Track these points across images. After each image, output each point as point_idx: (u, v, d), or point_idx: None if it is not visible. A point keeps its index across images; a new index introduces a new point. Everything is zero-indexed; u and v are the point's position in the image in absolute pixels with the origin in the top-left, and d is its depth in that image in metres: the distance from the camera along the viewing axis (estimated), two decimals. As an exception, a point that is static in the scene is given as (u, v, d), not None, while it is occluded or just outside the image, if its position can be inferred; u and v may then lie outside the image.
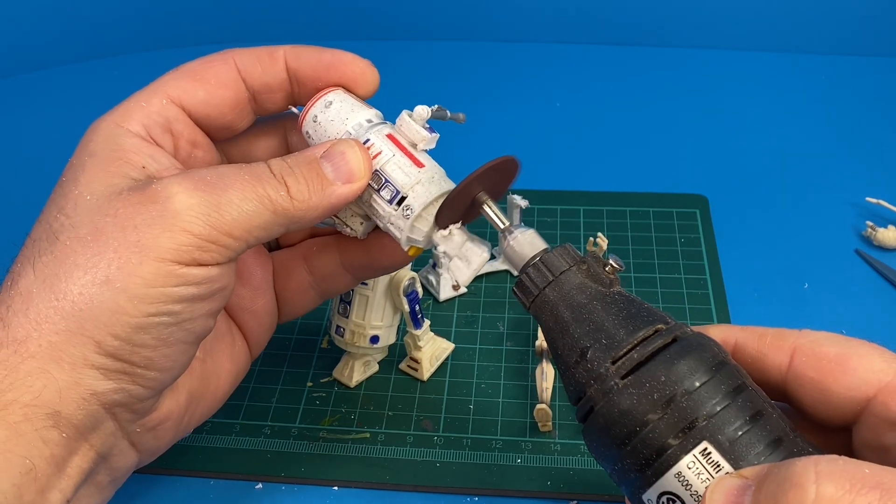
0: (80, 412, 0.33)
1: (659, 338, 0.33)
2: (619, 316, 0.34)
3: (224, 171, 0.36)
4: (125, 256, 0.33)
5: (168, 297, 0.34)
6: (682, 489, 0.31)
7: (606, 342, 0.33)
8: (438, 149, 0.40)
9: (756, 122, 0.72)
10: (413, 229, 0.39)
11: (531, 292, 0.36)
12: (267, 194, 0.36)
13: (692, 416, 0.31)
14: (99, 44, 0.84)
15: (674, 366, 0.32)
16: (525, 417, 0.49)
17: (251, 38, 0.84)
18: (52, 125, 0.77)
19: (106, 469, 0.37)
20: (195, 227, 0.34)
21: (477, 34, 0.84)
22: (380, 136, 0.39)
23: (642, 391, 0.31)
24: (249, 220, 0.35)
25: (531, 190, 0.62)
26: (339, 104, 0.40)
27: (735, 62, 0.79)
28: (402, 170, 0.38)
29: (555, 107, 0.76)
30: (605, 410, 0.32)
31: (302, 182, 0.37)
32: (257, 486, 0.47)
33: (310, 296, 0.45)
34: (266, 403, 0.51)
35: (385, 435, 0.49)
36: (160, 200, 0.34)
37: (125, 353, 0.34)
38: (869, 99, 0.74)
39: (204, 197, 0.35)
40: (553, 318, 0.35)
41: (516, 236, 0.37)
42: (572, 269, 0.36)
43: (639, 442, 0.31)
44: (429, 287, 0.57)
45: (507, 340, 0.54)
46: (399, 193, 0.38)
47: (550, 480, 0.46)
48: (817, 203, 0.63)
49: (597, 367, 0.33)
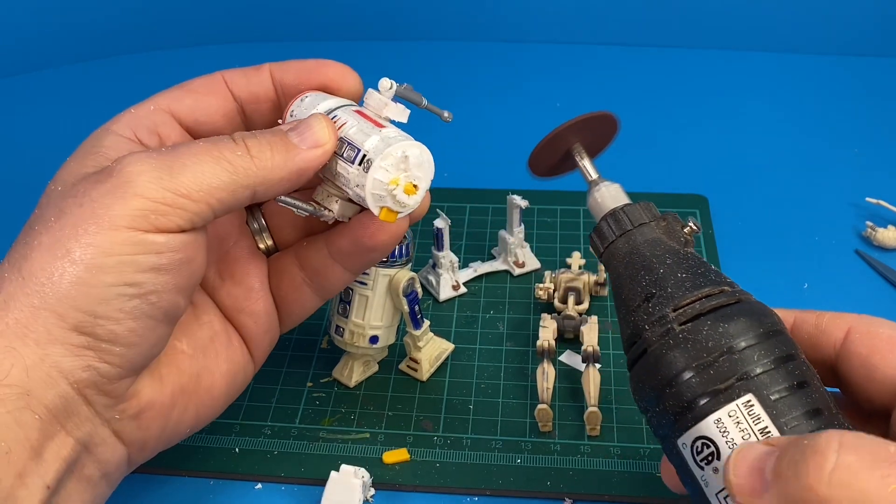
0: (49, 392, 0.34)
1: (723, 296, 0.34)
2: (687, 271, 0.35)
3: (182, 143, 0.37)
4: (82, 228, 0.34)
5: (128, 265, 0.34)
6: (719, 435, 0.31)
7: (671, 291, 0.35)
8: (439, 148, 0.40)
9: (756, 122, 0.72)
10: (374, 183, 0.38)
11: (607, 238, 0.38)
12: (223, 155, 0.36)
13: (742, 370, 0.32)
14: (99, 44, 0.84)
15: (732, 322, 0.33)
16: (525, 418, 0.49)
17: (251, 39, 0.84)
18: (52, 125, 0.77)
19: (93, 462, 0.36)
20: (148, 190, 0.34)
21: (477, 34, 0.84)
22: (347, 111, 0.40)
23: (697, 338, 0.33)
24: (206, 180, 0.36)
25: (531, 190, 0.62)
26: (314, 97, 0.42)
27: (735, 62, 0.79)
28: (363, 131, 0.39)
29: (555, 107, 0.76)
30: (658, 351, 0.34)
31: (265, 144, 0.37)
32: (257, 487, 0.47)
33: (305, 294, 0.45)
34: (266, 403, 0.51)
35: (385, 435, 0.49)
36: (115, 173, 0.35)
37: (88, 326, 0.34)
38: (869, 99, 0.74)
39: (156, 162, 0.35)
40: (624, 264, 0.37)
41: (601, 189, 0.40)
42: (650, 224, 0.38)
43: (685, 385, 0.32)
44: (428, 287, 0.57)
45: (508, 341, 0.54)
46: (360, 151, 0.38)
47: (550, 481, 0.46)
48: (817, 203, 0.63)
49: (657, 312, 0.34)
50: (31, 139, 0.77)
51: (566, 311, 0.53)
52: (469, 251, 0.61)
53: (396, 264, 0.48)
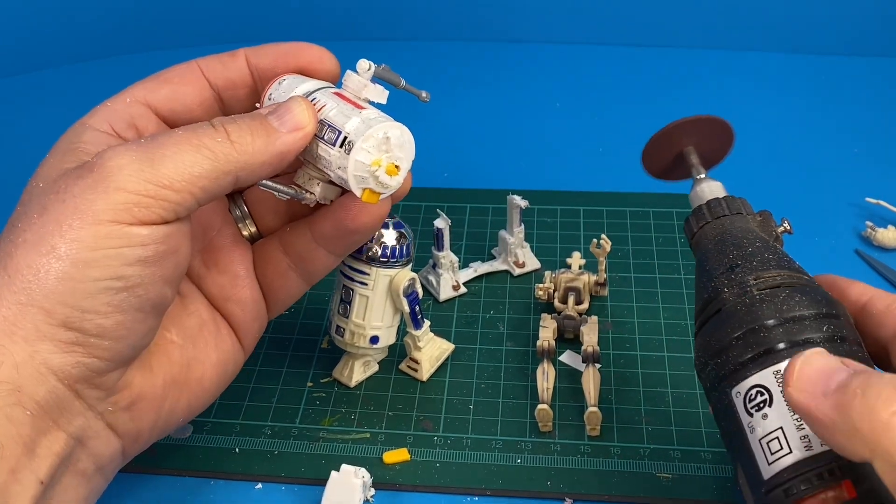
0: (40, 388, 0.34)
1: (802, 279, 0.37)
2: (774, 254, 0.38)
3: (161, 133, 0.37)
4: (66, 224, 0.34)
5: (113, 259, 0.34)
6: (776, 385, 0.34)
7: (755, 264, 0.37)
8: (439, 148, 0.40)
9: (756, 122, 0.72)
10: (356, 165, 0.38)
11: (705, 218, 0.41)
12: (203, 143, 0.36)
13: (809, 335, 0.34)
14: (99, 44, 0.84)
15: (807, 296, 0.35)
16: (525, 418, 0.49)
17: (250, 39, 0.83)
18: (52, 125, 0.76)
19: (87, 455, 0.36)
20: (129, 183, 0.34)
21: (477, 34, 0.84)
22: (326, 94, 0.40)
23: (774, 302, 0.35)
24: (188, 169, 0.35)
25: (531, 190, 0.62)
26: (291, 79, 0.42)
27: (735, 62, 0.79)
28: (344, 113, 0.39)
29: (555, 107, 0.76)
30: (733, 308, 0.36)
31: (245, 129, 0.37)
32: (257, 486, 0.47)
33: (291, 279, 0.45)
34: (266, 403, 0.51)
35: (385, 435, 0.49)
36: (96, 167, 0.35)
37: (75, 321, 0.34)
38: (869, 99, 0.74)
39: (137, 154, 0.35)
40: (714, 242, 0.40)
41: (703, 184, 0.43)
42: (745, 216, 0.41)
43: (754, 337, 0.35)
44: (429, 287, 0.58)
45: (508, 341, 0.54)
46: (341, 133, 0.38)
47: (550, 481, 0.46)
48: (817, 203, 0.63)
49: (739, 279, 0.37)
50: (31, 139, 0.76)
51: (566, 311, 0.53)
52: (469, 251, 0.61)
53: (397, 265, 0.48)
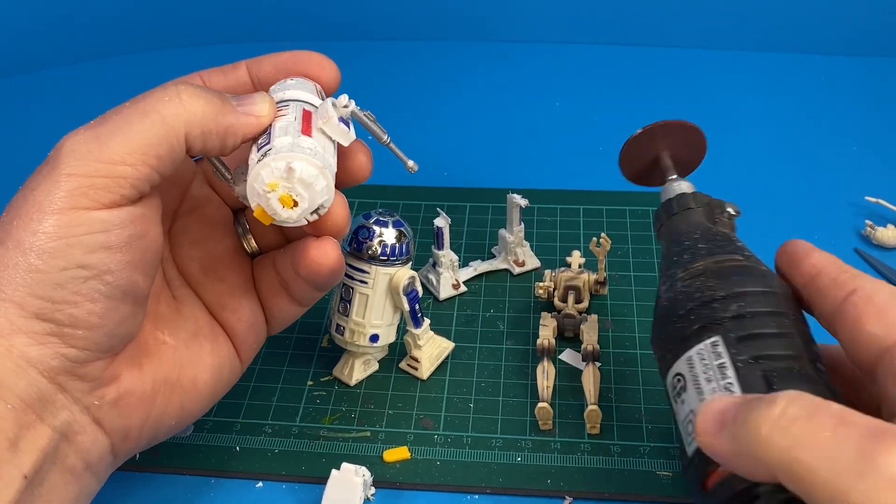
0: (20, 381, 0.34)
1: (730, 262, 0.38)
2: (708, 243, 0.40)
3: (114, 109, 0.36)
4: (27, 217, 0.34)
5: (76, 247, 0.34)
6: (688, 370, 0.36)
7: (687, 258, 0.40)
8: (439, 147, 0.40)
9: (756, 122, 0.72)
10: (255, 175, 0.37)
11: (661, 220, 0.45)
12: (151, 105, 0.36)
13: (717, 316, 0.36)
14: (99, 44, 0.85)
15: (722, 279, 0.37)
16: (525, 416, 0.49)
17: (250, 39, 0.84)
18: (52, 125, 0.77)
19: (74, 451, 0.36)
20: (80, 167, 0.34)
21: (477, 34, 0.84)
22: (297, 107, 0.40)
23: (690, 291, 0.37)
24: (138, 139, 0.35)
25: (531, 189, 0.62)
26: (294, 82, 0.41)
27: (735, 62, 0.79)
28: (287, 130, 0.38)
29: (555, 107, 0.76)
30: (661, 304, 0.39)
31: (200, 96, 0.37)
32: (258, 485, 0.47)
33: (284, 300, 0.45)
34: (266, 402, 0.51)
35: (385, 433, 0.49)
36: (51, 158, 0.35)
37: (48, 312, 0.34)
38: (869, 99, 0.74)
39: (86, 135, 0.35)
40: (666, 242, 0.43)
41: (671, 184, 0.46)
42: (696, 209, 0.43)
43: (673, 328, 0.37)
44: (429, 286, 0.58)
45: (508, 339, 0.54)
46: (268, 145, 0.37)
47: (550, 479, 0.46)
48: (817, 202, 0.63)
49: (671, 272, 0.40)
50: (31, 139, 0.77)
51: (566, 309, 0.53)
52: (469, 250, 0.61)
53: (397, 263, 0.48)
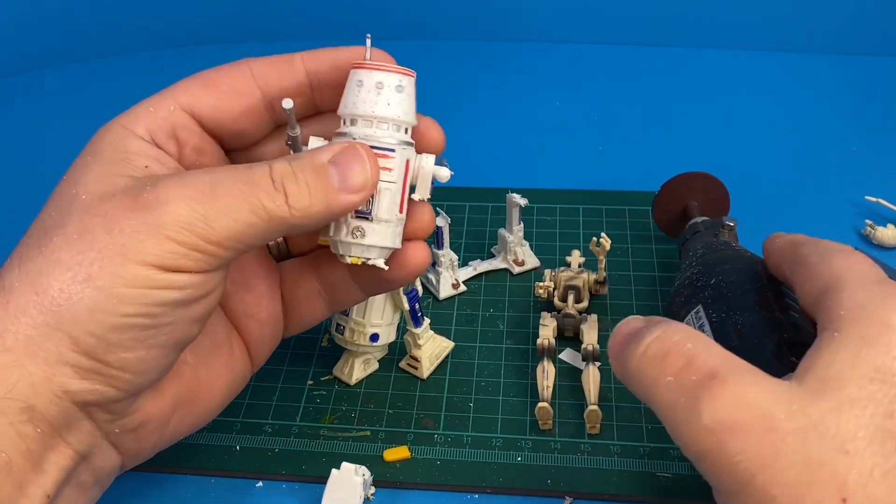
0: (53, 408, 0.33)
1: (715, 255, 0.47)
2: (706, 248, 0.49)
3: (220, 178, 0.35)
4: (108, 257, 0.33)
5: (147, 299, 0.34)
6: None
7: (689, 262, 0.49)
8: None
9: (756, 122, 0.72)
10: (346, 247, 0.39)
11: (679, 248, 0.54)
12: (262, 204, 0.35)
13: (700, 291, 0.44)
14: (99, 44, 0.85)
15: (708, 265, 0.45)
16: (525, 415, 0.49)
17: (251, 38, 0.84)
18: (52, 125, 0.77)
19: (88, 469, 0.36)
20: (181, 236, 0.34)
21: (477, 34, 0.84)
22: (401, 157, 0.39)
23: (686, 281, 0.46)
24: (241, 230, 0.35)
25: (531, 189, 0.62)
26: (408, 86, 0.40)
27: (735, 62, 0.79)
28: (389, 203, 0.38)
29: (554, 106, 0.76)
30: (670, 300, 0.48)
31: (304, 189, 0.36)
32: (258, 485, 0.47)
33: (318, 305, 0.45)
34: (266, 402, 0.51)
35: (385, 433, 0.49)
36: (149, 206, 0.34)
37: (100, 352, 0.33)
38: (869, 99, 0.74)
39: (194, 207, 0.34)
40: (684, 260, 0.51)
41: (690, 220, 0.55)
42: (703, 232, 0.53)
43: (673, 304, 0.46)
44: (428, 285, 0.58)
45: (508, 339, 0.54)
46: (369, 215, 0.38)
47: (550, 479, 0.46)
48: (816, 202, 0.63)
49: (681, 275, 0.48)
50: (32, 139, 0.77)
51: (566, 309, 0.53)
52: (469, 249, 0.61)
53: (397, 262, 0.48)
